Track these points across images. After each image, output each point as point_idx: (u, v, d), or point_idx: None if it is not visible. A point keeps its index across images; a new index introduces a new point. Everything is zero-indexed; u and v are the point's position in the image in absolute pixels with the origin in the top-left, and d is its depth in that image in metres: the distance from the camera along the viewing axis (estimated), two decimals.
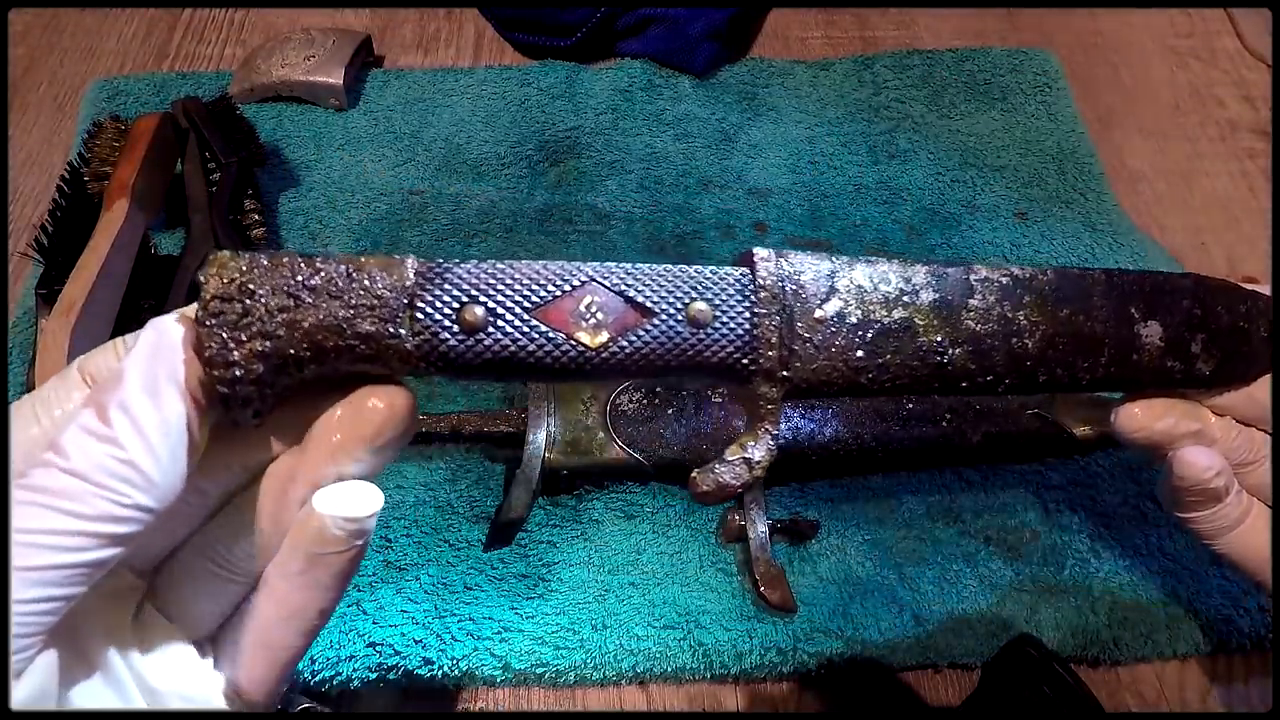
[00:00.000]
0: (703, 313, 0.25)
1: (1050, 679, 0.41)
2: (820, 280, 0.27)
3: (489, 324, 0.23)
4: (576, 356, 0.24)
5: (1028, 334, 0.28)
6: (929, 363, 0.27)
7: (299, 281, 0.22)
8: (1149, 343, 0.29)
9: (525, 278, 0.24)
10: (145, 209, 0.58)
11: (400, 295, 0.23)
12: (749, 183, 0.67)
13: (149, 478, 0.20)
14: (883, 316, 0.27)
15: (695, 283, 0.25)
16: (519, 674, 0.46)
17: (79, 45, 0.77)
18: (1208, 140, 0.72)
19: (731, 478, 0.27)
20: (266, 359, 0.22)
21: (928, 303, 0.28)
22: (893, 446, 0.51)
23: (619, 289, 0.25)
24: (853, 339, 0.27)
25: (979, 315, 0.28)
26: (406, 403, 0.24)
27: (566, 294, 0.24)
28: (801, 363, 0.26)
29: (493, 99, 0.72)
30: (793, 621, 0.48)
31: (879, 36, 0.79)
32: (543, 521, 0.51)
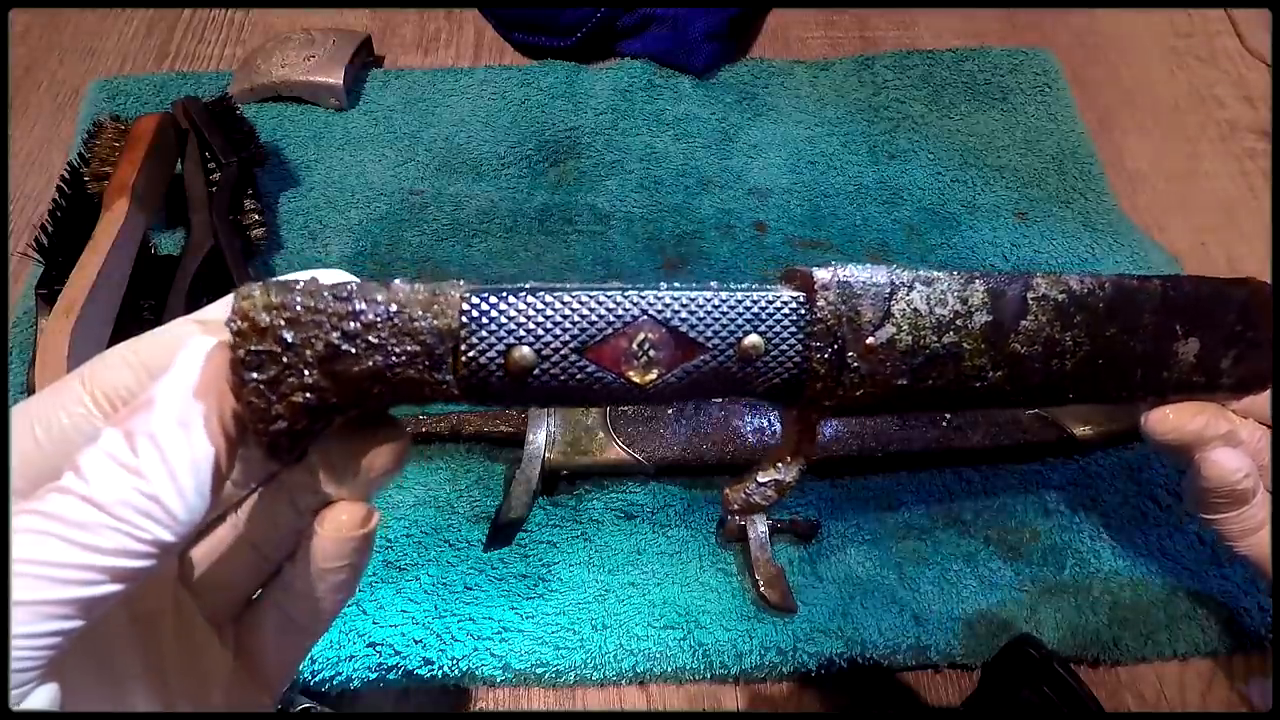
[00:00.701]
0: (755, 346, 0.25)
1: (1050, 679, 0.41)
2: (878, 305, 0.26)
3: (537, 366, 0.23)
4: (626, 392, 0.24)
5: (1070, 355, 0.28)
6: (966, 386, 0.27)
7: (336, 328, 0.21)
8: (1183, 359, 0.29)
9: (575, 315, 0.23)
10: (145, 209, 0.58)
11: (445, 340, 0.22)
12: (749, 183, 0.67)
13: (171, 514, 0.19)
14: (932, 342, 0.27)
15: (750, 314, 0.25)
16: (519, 674, 0.46)
17: (79, 45, 0.77)
18: (1208, 140, 0.72)
19: (762, 499, 0.28)
20: (310, 412, 0.21)
21: (979, 325, 0.27)
22: (893, 446, 0.51)
23: (672, 324, 0.24)
24: (899, 366, 0.26)
25: (1026, 338, 0.27)
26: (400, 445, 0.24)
27: (619, 332, 0.23)
28: (845, 390, 0.26)
29: (493, 99, 0.72)
30: (793, 621, 0.48)
31: (879, 36, 0.79)
32: (543, 521, 0.51)
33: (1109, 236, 0.64)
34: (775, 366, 0.25)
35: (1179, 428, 0.31)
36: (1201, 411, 0.31)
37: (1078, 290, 0.28)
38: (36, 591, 0.18)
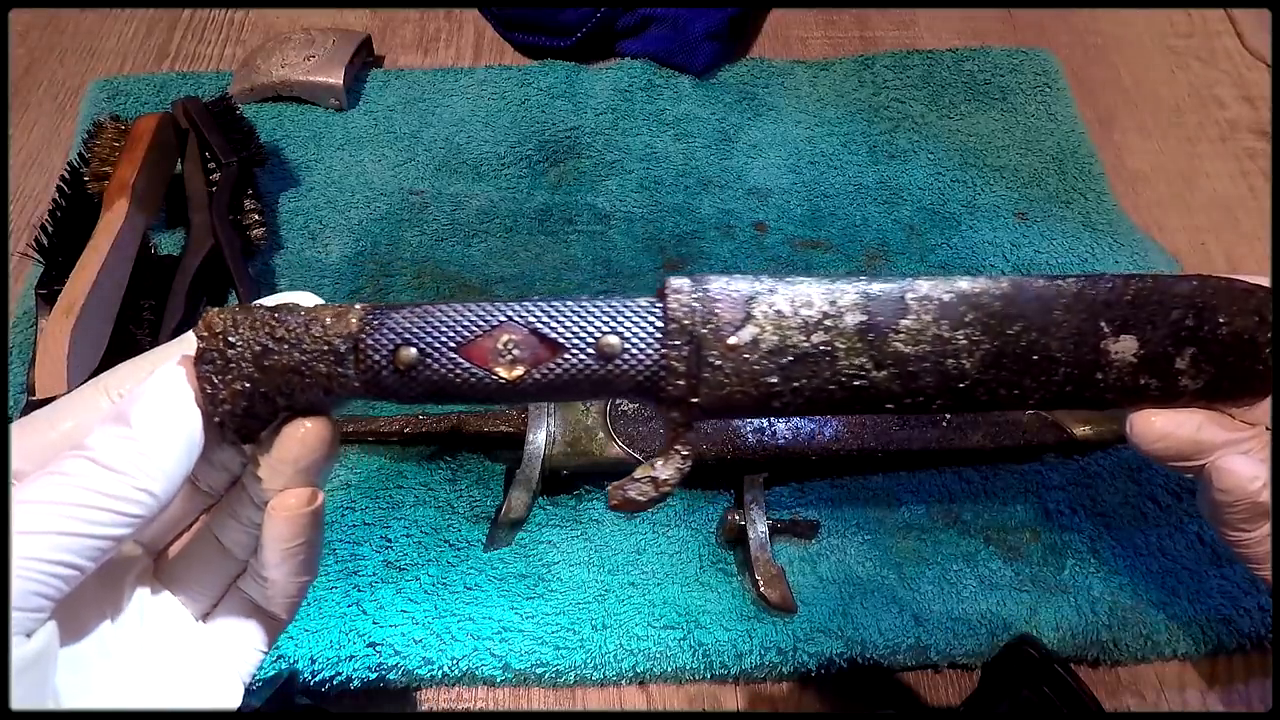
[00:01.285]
0: (612, 346, 0.27)
1: (1050, 679, 0.41)
2: (736, 307, 0.27)
3: (420, 363, 0.27)
4: (497, 388, 0.27)
5: (965, 354, 0.27)
6: (848, 386, 0.27)
7: (267, 333, 0.27)
8: (1118, 359, 0.27)
9: (451, 320, 0.27)
10: (145, 209, 0.58)
11: (347, 341, 0.27)
12: (749, 183, 0.67)
13: (162, 469, 0.24)
14: (800, 342, 0.27)
15: (607, 316, 0.27)
16: (519, 674, 0.46)
17: (79, 45, 0.77)
18: (1208, 140, 0.72)
19: (638, 494, 0.28)
20: (247, 396, 0.26)
21: (852, 326, 0.27)
22: (893, 446, 0.51)
23: (533, 326, 0.27)
24: (767, 365, 0.27)
25: (909, 337, 0.27)
26: (323, 433, 0.28)
27: (486, 333, 0.27)
28: (710, 389, 0.27)
29: (493, 99, 0.72)
30: (793, 621, 0.48)
31: (879, 36, 0.79)
32: (543, 521, 0.51)
33: (1109, 236, 0.64)
34: (634, 364, 0.27)
35: (1168, 434, 0.28)
36: (1193, 416, 0.28)
37: (968, 290, 0.27)
38: (52, 523, 0.22)
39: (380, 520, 0.51)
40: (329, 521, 0.51)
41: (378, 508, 0.52)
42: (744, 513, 0.49)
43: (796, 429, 0.51)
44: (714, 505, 0.52)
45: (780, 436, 0.50)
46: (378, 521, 0.51)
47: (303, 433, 0.27)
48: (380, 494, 0.52)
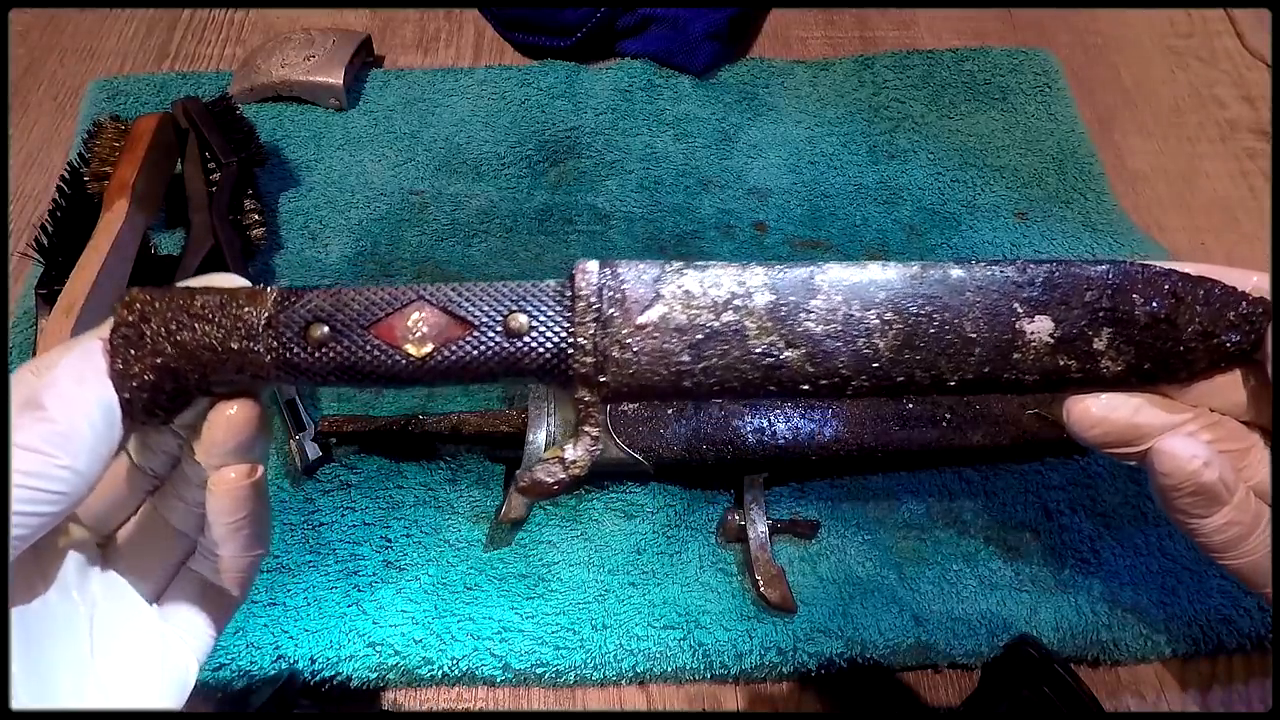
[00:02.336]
0: (520, 324, 0.27)
1: (1050, 679, 0.41)
2: (644, 287, 0.27)
3: (331, 339, 0.27)
4: (406, 365, 0.27)
5: (878, 334, 0.27)
6: (760, 365, 0.27)
7: (183, 310, 0.27)
8: (1035, 340, 0.27)
9: (364, 300, 0.27)
10: (145, 209, 0.58)
11: (259, 317, 0.27)
12: (749, 183, 0.67)
13: (78, 444, 0.25)
14: (710, 321, 0.27)
15: (516, 296, 0.27)
16: (519, 674, 0.46)
17: (79, 45, 0.77)
18: (1208, 140, 0.72)
19: (545, 475, 0.28)
20: (158, 370, 0.27)
21: (761, 305, 0.27)
22: (892, 447, 0.51)
23: (443, 305, 0.27)
24: (676, 344, 0.27)
25: (819, 316, 0.27)
26: (248, 414, 0.28)
27: (396, 311, 0.27)
28: (619, 368, 0.27)
29: (493, 99, 0.72)
30: (793, 621, 0.48)
31: (879, 36, 0.79)
32: (543, 521, 0.51)
33: (1109, 236, 0.64)
34: (542, 341, 0.27)
35: (1104, 418, 0.27)
36: (1130, 399, 0.28)
37: (878, 273, 0.28)
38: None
39: (380, 520, 0.51)
40: (329, 521, 0.51)
41: (378, 508, 0.52)
42: (744, 513, 0.49)
43: (796, 429, 0.51)
44: (714, 505, 0.52)
45: (780, 436, 0.50)
46: (378, 521, 0.51)
47: (227, 415, 0.27)
48: (380, 494, 0.52)
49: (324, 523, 0.51)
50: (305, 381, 0.28)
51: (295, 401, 0.53)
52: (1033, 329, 0.27)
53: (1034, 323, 0.27)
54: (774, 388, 0.28)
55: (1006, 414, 0.52)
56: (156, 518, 0.31)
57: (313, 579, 0.49)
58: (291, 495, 0.52)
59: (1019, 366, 0.27)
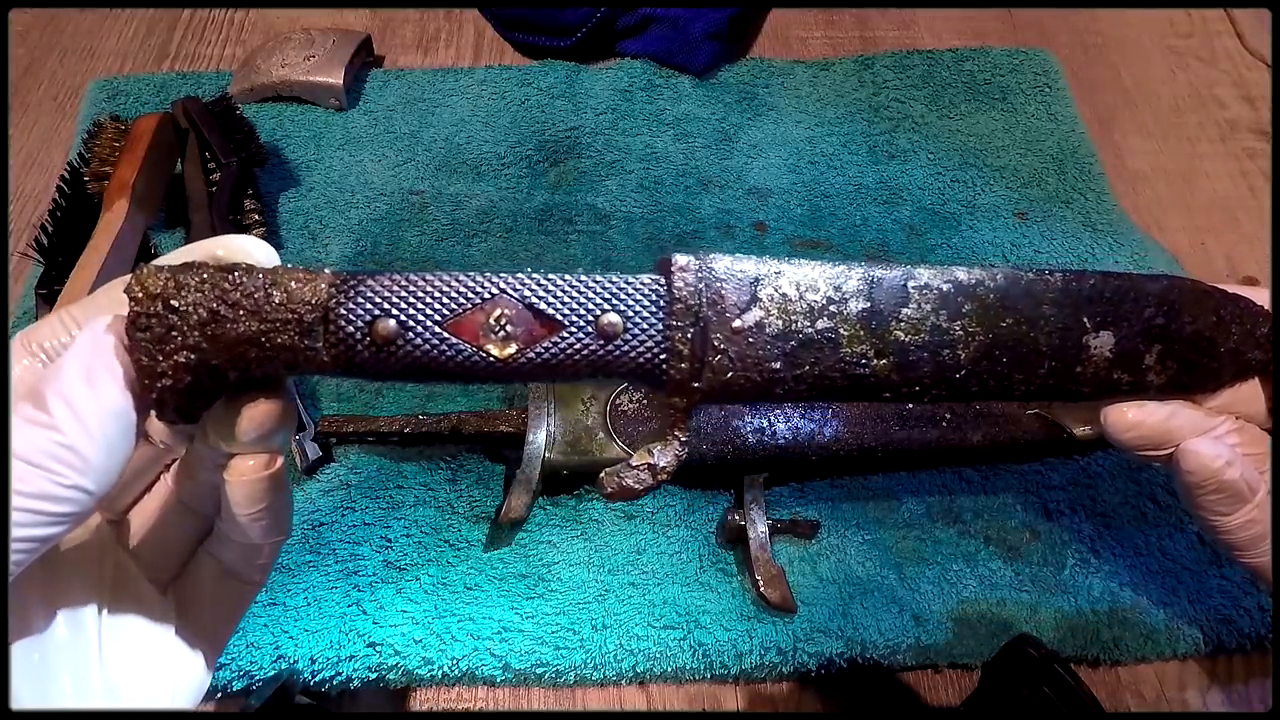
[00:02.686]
0: (614, 325, 0.25)
1: (1050, 679, 0.41)
2: (742, 289, 0.26)
3: (400, 336, 0.24)
4: (486, 366, 0.25)
5: (961, 345, 0.27)
6: (850, 374, 0.27)
7: (218, 297, 0.23)
8: (1097, 354, 0.28)
9: (437, 290, 0.25)
10: (145, 209, 0.58)
11: (315, 310, 0.24)
12: (749, 183, 0.67)
13: (87, 460, 0.21)
14: (805, 327, 0.27)
15: (608, 294, 0.26)
16: (519, 674, 0.46)
17: (79, 45, 0.77)
18: (1208, 140, 0.72)
19: (635, 482, 0.27)
20: (192, 370, 0.23)
21: (856, 313, 0.27)
22: (893, 447, 0.51)
23: (528, 301, 0.25)
24: (771, 350, 0.26)
25: (910, 326, 0.27)
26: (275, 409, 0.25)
27: (477, 307, 0.25)
28: (714, 374, 0.26)
29: (493, 99, 0.72)
30: (793, 621, 0.48)
31: (879, 36, 0.79)
32: (543, 521, 0.51)
33: (1109, 236, 0.64)
34: (637, 345, 0.26)
35: (1140, 423, 0.29)
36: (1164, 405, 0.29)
37: (965, 280, 0.27)
38: None
39: (380, 520, 0.51)
40: (329, 521, 0.51)
41: (378, 508, 0.52)
42: (744, 513, 0.49)
43: (796, 429, 0.51)
44: (714, 505, 0.52)
45: (780, 436, 0.50)
46: (378, 521, 0.51)
47: (253, 410, 0.25)
48: (380, 494, 0.52)
49: (324, 523, 0.51)
50: (365, 378, 0.25)
51: (295, 402, 0.53)
52: (1097, 344, 0.28)
53: (1098, 338, 0.28)
54: (856, 394, 0.27)
55: (1006, 414, 0.52)
56: (171, 496, 0.28)
57: (313, 579, 0.49)
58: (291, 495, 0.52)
59: (1079, 379, 0.28)
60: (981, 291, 0.28)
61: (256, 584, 0.30)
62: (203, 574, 0.29)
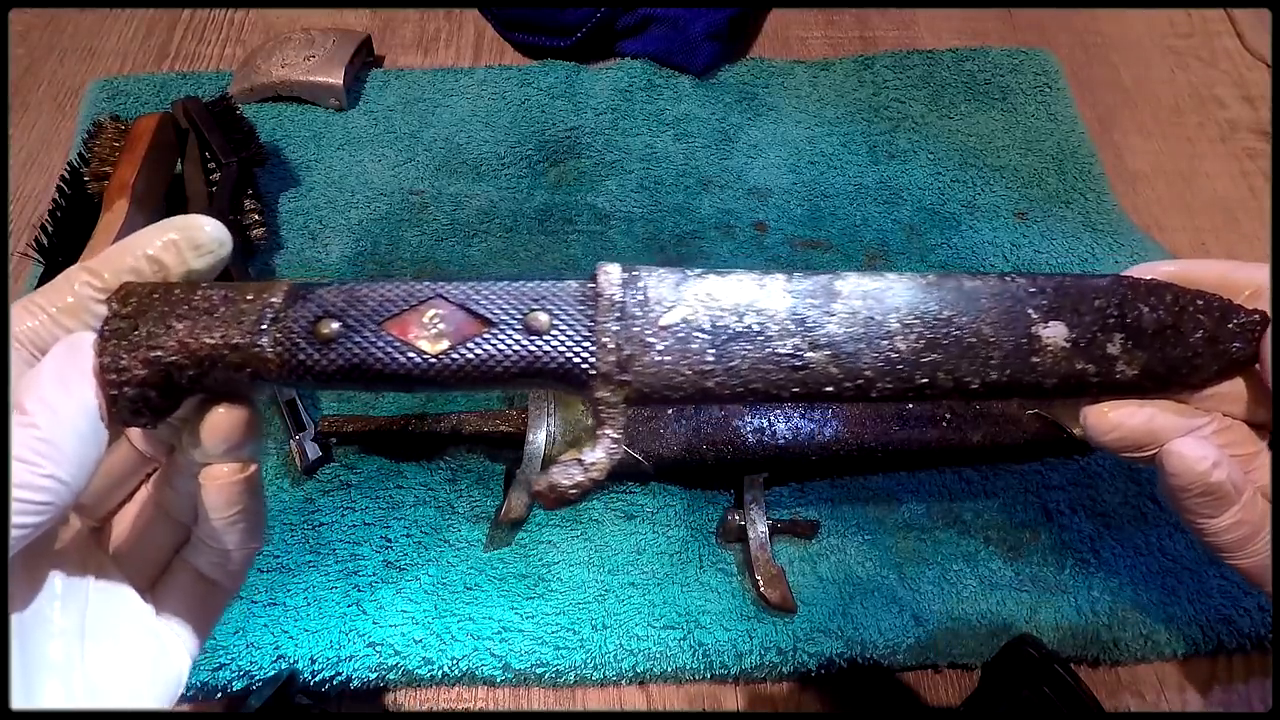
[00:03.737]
0: (541, 322, 0.26)
1: (1050, 679, 0.42)
2: (667, 289, 0.27)
3: (341, 336, 0.26)
4: (420, 363, 0.26)
5: (900, 336, 0.27)
6: (785, 366, 0.27)
7: (182, 302, 0.26)
8: (1051, 344, 0.28)
9: (377, 294, 0.26)
10: (145, 209, 0.58)
11: (265, 311, 0.26)
12: (749, 183, 0.67)
13: (63, 453, 0.24)
14: (732, 323, 0.27)
15: (538, 295, 0.27)
16: (519, 674, 0.46)
17: (79, 45, 0.77)
18: (1208, 140, 0.72)
19: (563, 478, 0.27)
20: (151, 365, 0.25)
21: (783, 310, 0.27)
22: (893, 447, 0.51)
23: (461, 302, 0.26)
24: (699, 344, 0.27)
25: (841, 320, 0.27)
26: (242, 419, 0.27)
27: (413, 308, 0.26)
28: (642, 367, 0.27)
29: (493, 99, 0.72)
30: (793, 621, 0.48)
31: (879, 36, 0.79)
32: (543, 521, 0.51)
33: (1109, 236, 0.64)
34: (564, 340, 0.26)
35: (1121, 423, 0.28)
36: (1146, 405, 0.29)
37: (894, 279, 0.28)
38: None
39: (380, 520, 0.51)
40: (329, 521, 0.51)
41: (378, 508, 0.52)
42: (744, 513, 0.50)
43: (796, 429, 0.51)
44: (714, 505, 0.52)
45: (780, 436, 0.50)
46: (378, 521, 0.51)
47: (217, 418, 0.27)
48: (380, 494, 0.52)
49: (324, 523, 0.51)
50: (311, 384, 0.27)
51: (295, 401, 0.53)
52: (1048, 334, 0.28)
53: (1049, 328, 0.28)
54: (799, 390, 0.27)
55: (1006, 414, 0.52)
56: (152, 504, 0.30)
57: (313, 579, 0.49)
58: (291, 495, 0.52)
59: (1039, 370, 0.28)
60: (911, 288, 0.28)
61: (232, 589, 0.32)
62: (181, 579, 0.31)
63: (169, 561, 0.31)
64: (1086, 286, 0.28)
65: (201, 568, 0.31)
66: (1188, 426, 0.29)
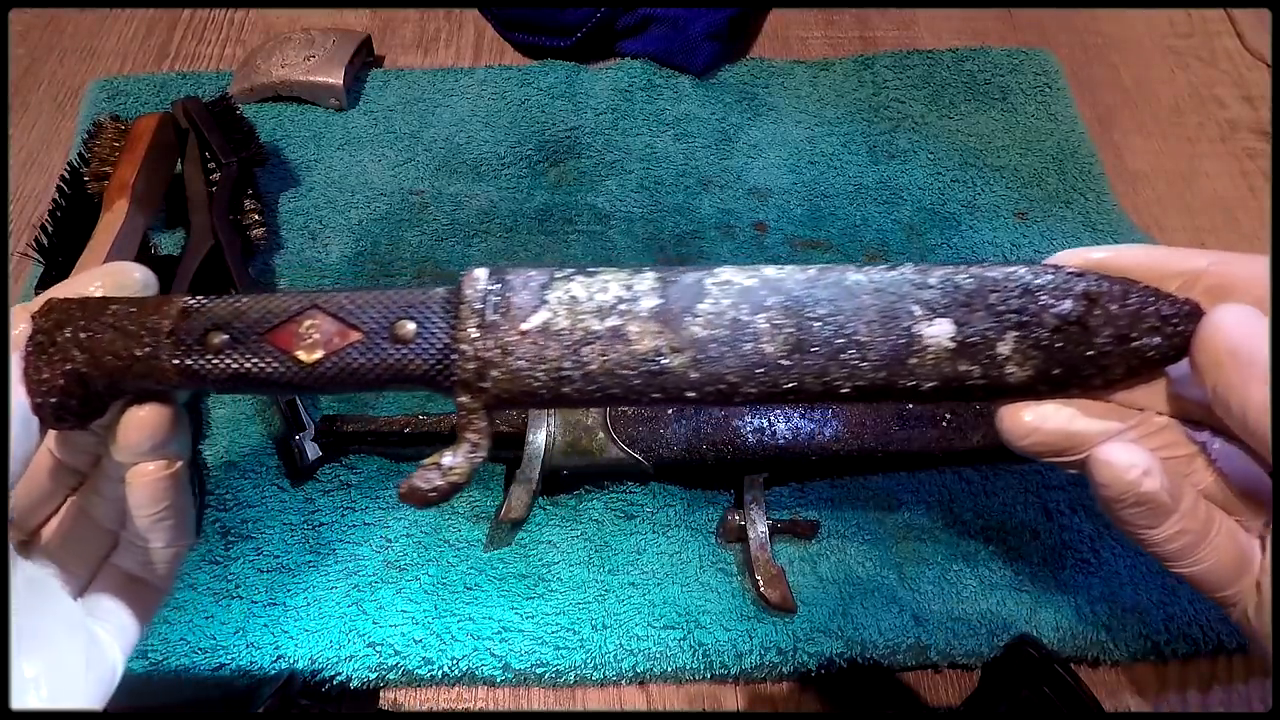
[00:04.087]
0: (408, 330, 0.27)
1: (1050, 679, 0.42)
2: (532, 294, 0.27)
3: (228, 347, 0.28)
4: (298, 371, 0.28)
5: (766, 338, 0.26)
6: (642, 370, 0.27)
7: (94, 317, 0.28)
8: (933, 343, 0.26)
9: (262, 309, 0.28)
10: (145, 209, 0.58)
11: (163, 324, 0.28)
12: (749, 183, 0.67)
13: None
14: (593, 325, 0.27)
15: (406, 304, 0.28)
16: (519, 674, 0.46)
17: (79, 45, 0.77)
18: (1208, 140, 0.72)
19: (422, 482, 0.28)
20: (67, 376, 0.27)
21: (647, 309, 0.27)
22: (892, 447, 0.51)
23: (334, 312, 0.28)
24: (556, 349, 0.27)
25: (706, 321, 0.27)
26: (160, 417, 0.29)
27: (293, 318, 0.28)
28: (500, 373, 0.27)
29: (493, 99, 0.72)
30: (793, 621, 0.48)
31: (879, 36, 0.79)
32: (543, 521, 0.51)
33: (1109, 236, 0.64)
34: (427, 348, 0.27)
35: (1037, 427, 0.26)
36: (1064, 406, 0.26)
37: (772, 275, 0.27)
38: None
39: (380, 520, 0.51)
40: (329, 521, 0.51)
41: (378, 508, 0.52)
42: (744, 513, 0.50)
43: (796, 429, 0.51)
44: (714, 505, 0.52)
45: (780, 436, 0.50)
46: (378, 521, 0.51)
47: (139, 417, 0.28)
48: (380, 494, 0.52)
49: (324, 523, 0.51)
50: (208, 389, 0.29)
51: (295, 401, 0.53)
52: (931, 333, 0.26)
53: (933, 326, 0.26)
54: (658, 394, 0.27)
55: None
56: (80, 513, 0.31)
57: (313, 579, 0.49)
58: (291, 495, 0.52)
59: (916, 373, 0.26)
60: (790, 285, 0.27)
61: (164, 588, 0.33)
62: (111, 581, 0.32)
63: (99, 566, 0.32)
64: (984, 279, 0.26)
65: (131, 569, 0.32)
66: (1113, 429, 0.26)
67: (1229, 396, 0.23)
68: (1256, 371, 0.23)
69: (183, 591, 0.48)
